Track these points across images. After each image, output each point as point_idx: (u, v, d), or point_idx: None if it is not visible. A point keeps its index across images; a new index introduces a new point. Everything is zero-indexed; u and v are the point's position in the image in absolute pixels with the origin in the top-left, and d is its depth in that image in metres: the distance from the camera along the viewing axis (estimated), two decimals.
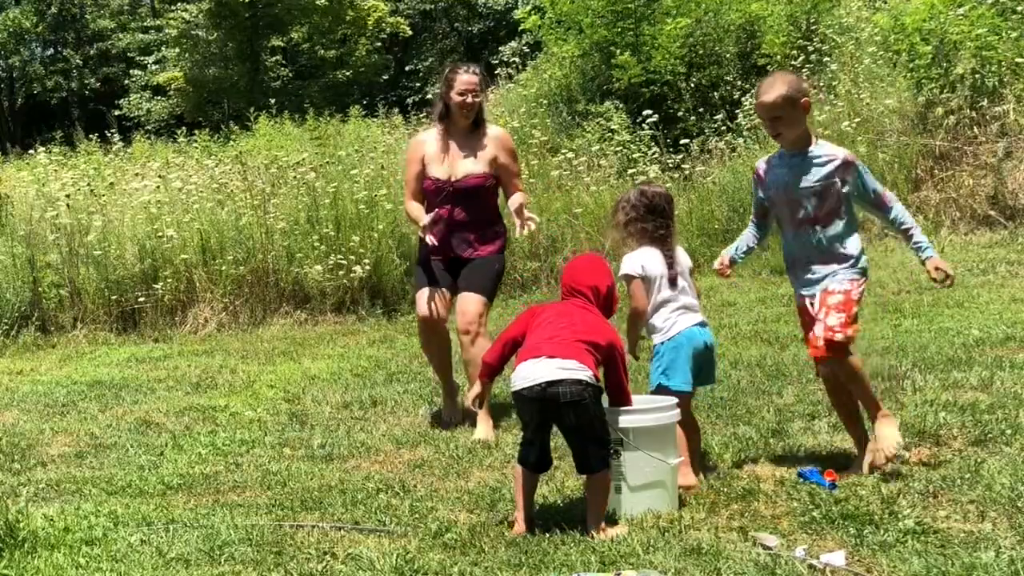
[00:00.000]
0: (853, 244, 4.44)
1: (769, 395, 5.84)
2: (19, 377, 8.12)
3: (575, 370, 3.94)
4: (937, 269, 4.54)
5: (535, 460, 4.10)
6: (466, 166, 5.86)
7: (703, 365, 4.59)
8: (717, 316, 8.22)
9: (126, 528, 4.22)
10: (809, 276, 4.47)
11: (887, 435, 4.30)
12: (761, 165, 4.70)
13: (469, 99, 5.80)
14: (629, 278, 4.60)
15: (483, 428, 5.60)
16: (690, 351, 4.51)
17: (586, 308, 4.21)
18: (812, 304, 4.45)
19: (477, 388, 4.30)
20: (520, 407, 4.12)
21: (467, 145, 5.89)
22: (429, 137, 5.99)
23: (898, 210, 4.54)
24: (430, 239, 5.69)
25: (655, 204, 4.63)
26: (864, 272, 4.49)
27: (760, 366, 6.49)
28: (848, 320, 4.31)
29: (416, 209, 5.89)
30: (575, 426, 3.98)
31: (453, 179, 5.84)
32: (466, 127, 5.89)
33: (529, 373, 3.97)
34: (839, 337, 4.29)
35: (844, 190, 4.41)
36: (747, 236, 4.79)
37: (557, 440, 5.04)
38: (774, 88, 4.40)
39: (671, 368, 4.49)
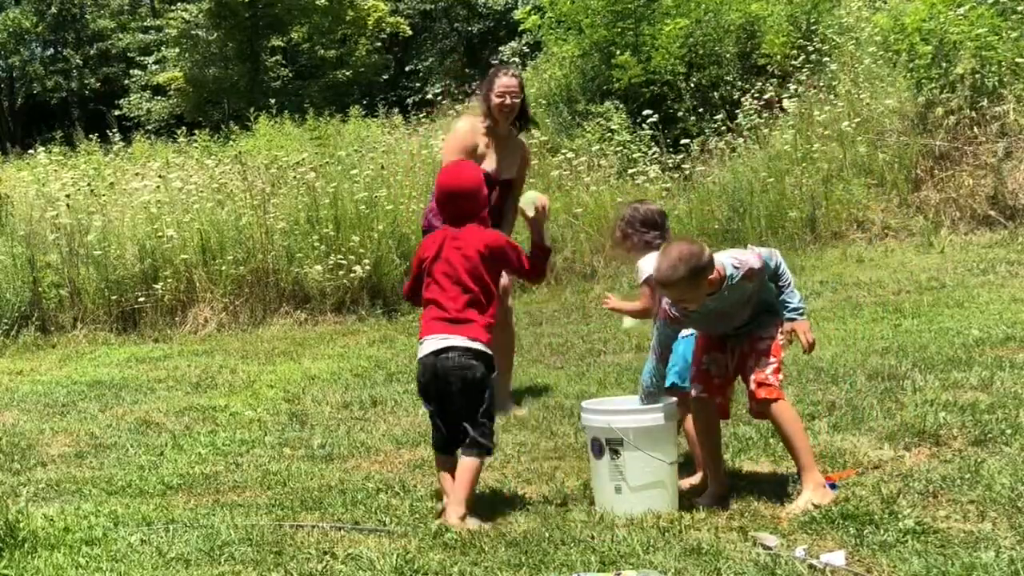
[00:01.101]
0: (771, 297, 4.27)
1: None
2: (19, 377, 8.12)
3: (462, 340, 4.15)
4: (792, 332, 4.25)
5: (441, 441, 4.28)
6: (508, 166, 6.12)
7: None
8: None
9: (126, 528, 4.22)
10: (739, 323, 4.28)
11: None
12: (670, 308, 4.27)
13: (508, 100, 5.99)
14: (650, 280, 4.54)
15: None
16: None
17: (460, 235, 4.28)
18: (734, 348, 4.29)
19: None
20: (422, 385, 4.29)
21: (506, 149, 6.13)
22: (478, 128, 6.10)
23: (790, 292, 4.26)
24: None
25: (649, 218, 4.69)
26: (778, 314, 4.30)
27: None
28: (777, 368, 4.20)
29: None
30: (459, 391, 4.13)
31: (501, 177, 6.06)
32: (505, 129, 6.10)
33: (423, 348, 4.22)
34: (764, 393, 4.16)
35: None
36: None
37: (564, 440, 5.06)
38: (673, 270, 3.95)
39: (687, 370, 4.50)
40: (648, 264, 4.58)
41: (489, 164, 5.98)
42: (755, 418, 4.43)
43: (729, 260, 4.10)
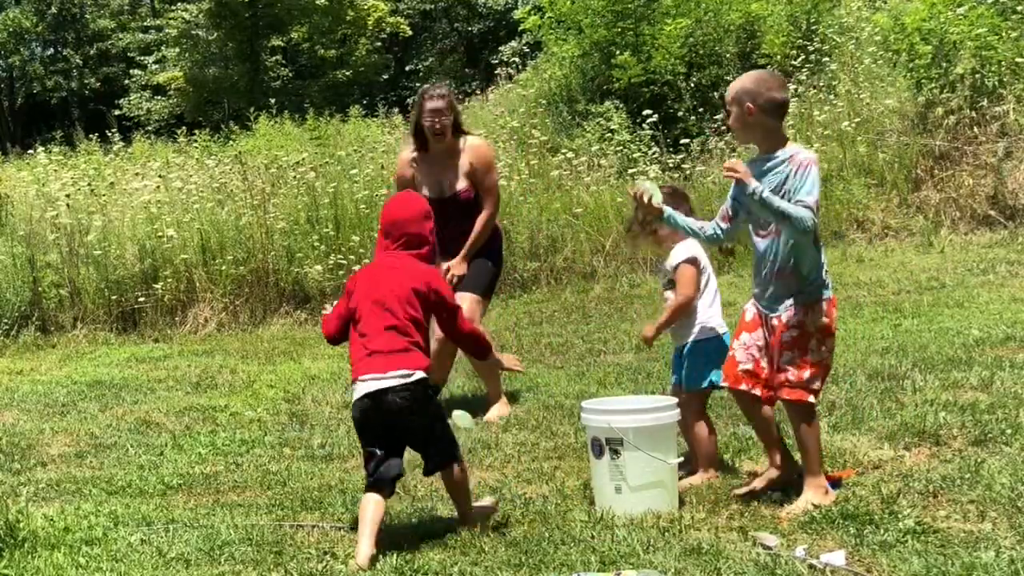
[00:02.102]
0: (807, 261, 4.06)
1: None
2: (19, 377, 8.12)
3: (399, 376, 3.91)
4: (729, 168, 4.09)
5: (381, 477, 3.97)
6: (452, 181, 6.02)
7: None
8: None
9: (126, 528, 4.22)
10: (768, 291, 4.14)
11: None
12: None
13: (437, 124, 5.95)
14: (694, 260, 4.56)
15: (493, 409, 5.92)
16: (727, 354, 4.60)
17: (396, 264, 4.08)
18: (767, 325, 4.15)
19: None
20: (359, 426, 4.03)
21: (448, 159, 6.05)
22: (404, 160, 6.17)
23: (802, 211, 3.95)
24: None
25: (680, 203, 4.64)
26: (818, 295, 4.08)
27: None
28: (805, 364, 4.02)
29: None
30: (414, 428, 3.98)
31: (446, 195, 5.98)
32: (443, 148, 6.03)
33: (360, 389, 3.95)
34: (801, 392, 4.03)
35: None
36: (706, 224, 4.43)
37: (564, 440, 5.06)
38: (735, 83, 4.16)
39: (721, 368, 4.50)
40: (687, 247, 4.58)
41: (426, 190, 5.92)
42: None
43: (796, 150, 4.06)
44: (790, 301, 4.07)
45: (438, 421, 4.06)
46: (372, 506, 3.85)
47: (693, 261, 4.59)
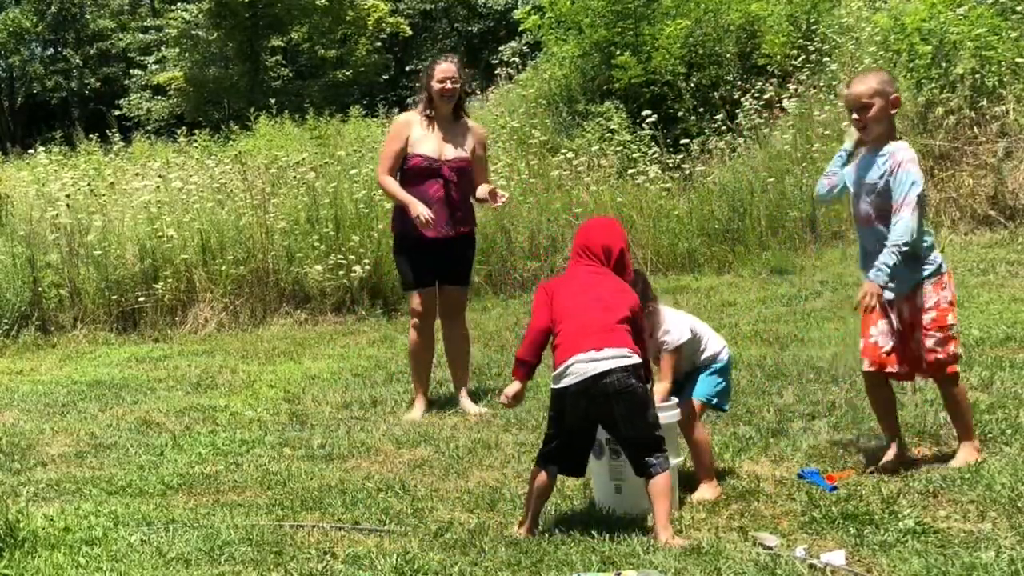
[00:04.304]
0: (919, 243, 4.35)
1: (769, 395, 5.84)
2: (19, 377, 8.11)
3: (622, 357, 3.85)
4: (863, 295, 4.29)
5: (565, 464, 3.97)
6: (453, 149, 6.15)
7: None
8: (717, 316, 8.21)
9: (126, 528, 4.22)
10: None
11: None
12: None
13: (448, 85, 6.08)
14: (679, 350, 4.41)
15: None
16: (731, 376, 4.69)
17: (601, 273, 4.09)
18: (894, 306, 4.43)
19: (516, 386, 4.08)
20: (563, 405, 3.91)
21: (451, 132, 6.19)
22: (414, 119, 6.22)
23: (898, 227, 4.27)
24: (425, 214, 5.91)
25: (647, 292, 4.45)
26: (939, 269, 4.46)
27: (760, 366, 6.48)
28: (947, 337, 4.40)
29: (394, 185, 6.10)
30: (625, 415, 3.85)
31: (443, 158, 6.10)
32: (448, 114, 6.18)
33: (577, 369, 3.86)
34: (942, 357, 4.40)
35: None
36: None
37: None
38: (865, 81, 4.44)
39: (725, 391, 4.55)
40: (679, 326, 4.43)
41: (429, 146, 6.09)
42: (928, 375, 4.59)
43: (896, 148, 4.38)
44: (915, 281, 4.37)
45: (650, 411, 4.04)
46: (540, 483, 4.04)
47: (678, 350, 4.40)
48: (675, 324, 4.40)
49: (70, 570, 3.78)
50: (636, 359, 3.88)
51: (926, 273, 4.39)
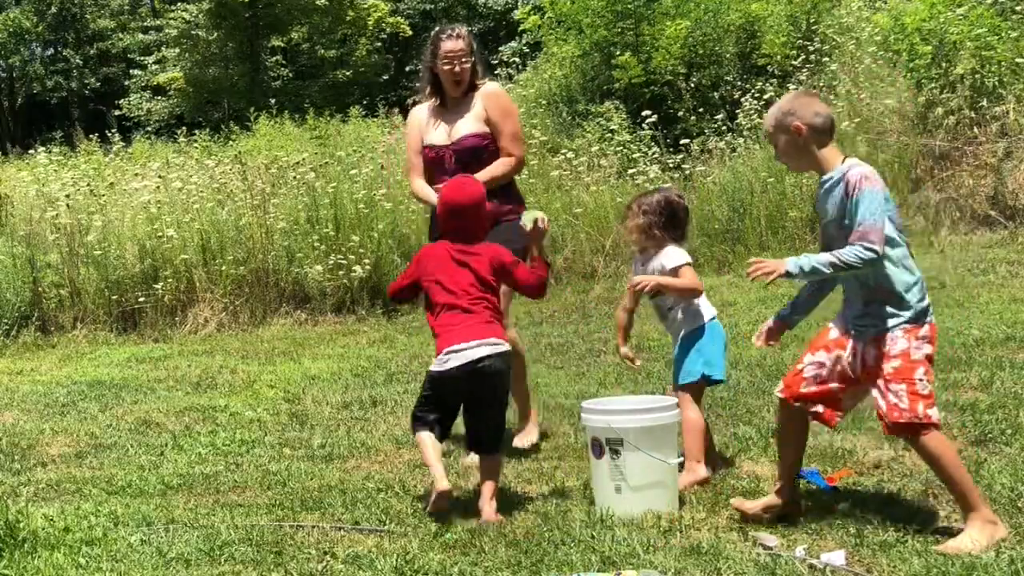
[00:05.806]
0: (899, 280, 3.68)
1: (769, 395, 5.82)
2: (19, 377, 8.11)
3: (498, 345, 4.25)
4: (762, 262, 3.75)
5: (441, 432, 4.37)
6: (461, 127, 5.30)
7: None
8: (717, 316, 8.20)
9: (126, 528, 4.22)
10: (857, 309, 3.78)
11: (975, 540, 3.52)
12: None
13: (457, 68, 5.25)
14: (690, 263, 4.64)
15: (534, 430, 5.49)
16: (722, 342, 4.66)
17: (466, 248, 4.39)
18: (857, 349, 3.75)
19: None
20: (442, 388, 4.31)
21: (459, 107, 5.34)
22: (424, 106, 5.48)
23: (847, 250, 3.62)
24: None
25: (678, 216, 4.66)
26: (920, 316, 3.69)
27: (760, 366, 6.49)
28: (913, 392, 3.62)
29: (422, 190, 5.35)
30: (494, 398, 4.29)
31: (451, 140, 5.29)
32: (458, 94, 5.34)
33: (459, 357, 4.22)
34: (904, 419, 3.64)
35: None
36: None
37: (564, 440, 5.06)
38: (770, 111, 3.85)
39: (714, 359, 4.56)
40: (677, 253, 4.61)
41: (438, 133, 5.32)
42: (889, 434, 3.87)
43: (847, 167, 3.69)
44: (887, 324, 3.67)
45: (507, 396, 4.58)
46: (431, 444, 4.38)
47: (690, 263, 4.63)
48: (674, 250, 4.61)
49: (70, 570, 3.78)
50: (505, 347, 4.28)
51: (904, 318, 3.65)
